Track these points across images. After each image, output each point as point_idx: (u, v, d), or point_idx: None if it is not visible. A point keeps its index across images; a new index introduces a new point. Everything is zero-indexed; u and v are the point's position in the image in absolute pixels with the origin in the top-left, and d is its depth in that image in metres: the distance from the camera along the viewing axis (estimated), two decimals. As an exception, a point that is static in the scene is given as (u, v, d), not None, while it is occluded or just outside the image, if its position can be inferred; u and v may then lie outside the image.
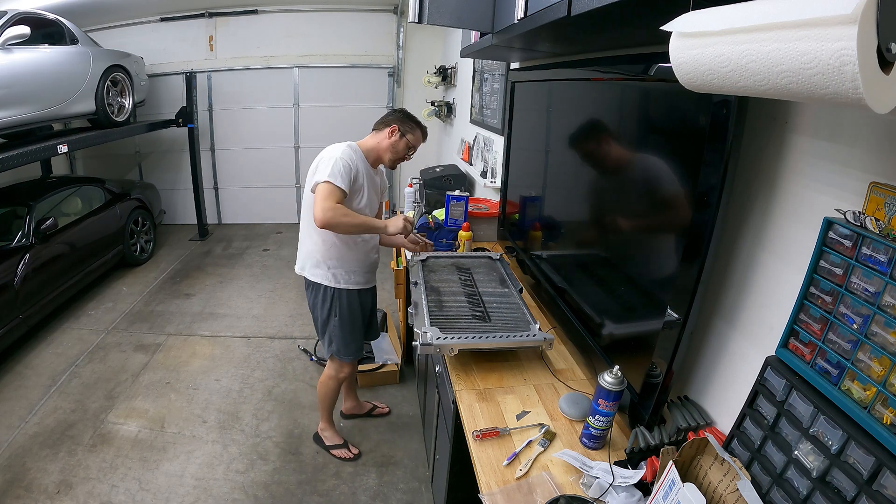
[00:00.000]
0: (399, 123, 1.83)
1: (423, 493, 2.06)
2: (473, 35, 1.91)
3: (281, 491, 2.06)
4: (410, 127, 1.85)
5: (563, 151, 1.65)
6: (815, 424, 0.76)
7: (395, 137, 1.82)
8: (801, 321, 0.80)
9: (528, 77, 1.92)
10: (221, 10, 5.08)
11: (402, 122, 1.84)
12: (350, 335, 1.98)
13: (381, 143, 1.83)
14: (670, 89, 0.95)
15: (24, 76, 3.16)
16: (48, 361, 2.96)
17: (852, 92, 0.42)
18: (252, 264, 4.59)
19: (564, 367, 1.42)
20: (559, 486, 1.00)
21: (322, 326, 1.96)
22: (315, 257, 1.85)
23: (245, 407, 2.58)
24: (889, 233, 0.66)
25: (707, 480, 0.87)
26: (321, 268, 1.85)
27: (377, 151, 1.84)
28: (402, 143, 1.83)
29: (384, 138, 1.83)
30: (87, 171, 5.45)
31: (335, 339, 1.96)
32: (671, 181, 1.02)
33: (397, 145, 1.83)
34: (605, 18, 0.93)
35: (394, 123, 1.83)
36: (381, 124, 1.87)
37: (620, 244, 1.29)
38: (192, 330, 3.37)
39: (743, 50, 0.52)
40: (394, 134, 1.82)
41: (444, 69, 4.41)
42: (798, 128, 0.84)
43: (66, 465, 2.16)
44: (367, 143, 1.84)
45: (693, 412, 1.04)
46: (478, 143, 3.29)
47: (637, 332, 1.18)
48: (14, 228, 3.17)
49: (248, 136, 5.55)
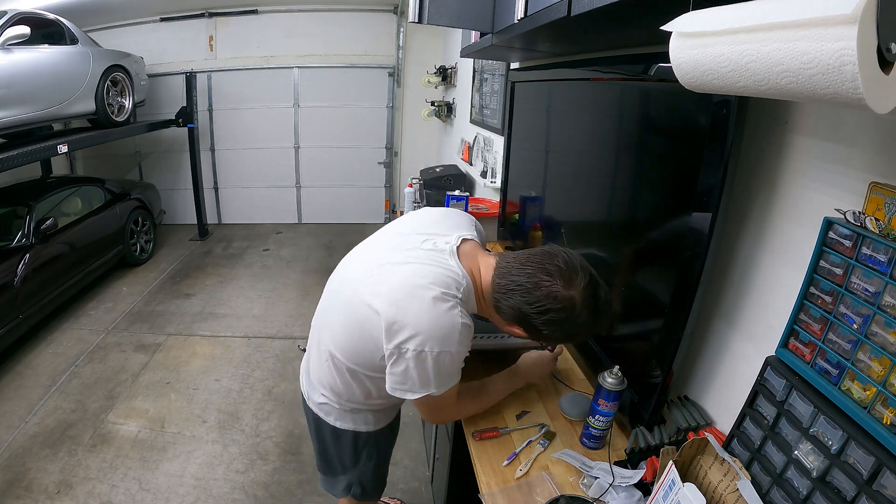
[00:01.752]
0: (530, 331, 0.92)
1: (423, 493, 2.06)
2: (473, 35, 1.91)
3: (281, 491, 2.06)
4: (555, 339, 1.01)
5: (563, 151, 1.65)
6: (815, 424, 0.76)
7: (520, 333, 0.95)
8: (801, 321, 0.80)
9: (528, 77, 1.92)
10: (221, 10, 5.08)
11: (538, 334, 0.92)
12: (383, 469, 1.38)
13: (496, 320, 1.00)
14: (670, 89, 0.95)
15: (24, 76, 3.16)
16: (48, 361, 2.96)
17: (852, 92, 0.42)
18: (252, 264, 4.59)
19: (564, 367, 1.42)
20: (559, 486, 1.00)
21: (342, 470, 1.31)
22: (341, 400, 1.14)
23: (245, 407, 2.58)
24: (889, 233, 0.66)
25: (707, 480, 0.87)
26: (351, 413, 1.18)
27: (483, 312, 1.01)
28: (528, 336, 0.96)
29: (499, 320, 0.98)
30: (87, 171, 5.45)
31: (365, 482, 1.33)
32: (671, 181, 1.02)
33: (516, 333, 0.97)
34: (605, 18, 0.92)
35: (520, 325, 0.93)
36: (499, 310, 0.94)
37: (621, 244, 1.29)
38: (192, 330, 3.37)
39: (743, 50, 0.51)
40: (518, 331, 0.95)
41: (444, 69, 4.41)
42: (798, 128, 0.84)
43: (66, 465, 2.16)
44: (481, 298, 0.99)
45: (693, 412, 1.04)
46: (478, 143, 3.29)
47: (637, 332, 1.18)
48: (14, 228, 3.17)
49: (249, 136, 5.55)
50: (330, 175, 5.74)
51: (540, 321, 0.87)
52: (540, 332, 0.90)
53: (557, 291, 0.86)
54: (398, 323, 0.89)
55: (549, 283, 0.86)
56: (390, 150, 5.75)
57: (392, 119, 5.62)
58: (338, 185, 5.82)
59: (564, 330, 0.89)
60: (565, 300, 0.86)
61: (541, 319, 0.87)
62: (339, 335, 1.05)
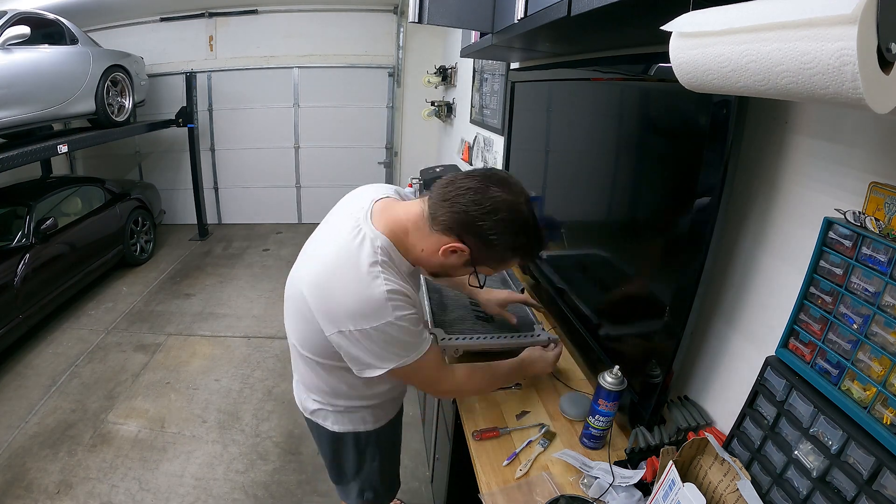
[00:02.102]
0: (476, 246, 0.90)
1: (423, 493, 2.06)
2: (473, 35, 1.91)
3: (281, 491, 2.06)
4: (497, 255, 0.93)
5: (563, 151, 1.65)
6: (815, 424, 0.76)
7: (456, 261, 0.93)
8: (801, 321, 0.80)
9: (528, 77, 1.92)
10: (221, 10, 5.08)
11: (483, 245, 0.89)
12: (391, 468, 1.41)
13: (427, 254, 0.94)
14: (670, 89, 0.95)
15: (24, 76, 3.16)
16: (48, 361, 2.96)
17: (852, 92, 0.42)
18: (252, 264, 4.59)
19: (564, 367, 1.42)
20: (559, 486, 1.00)
21: (352, 476, 1.31)
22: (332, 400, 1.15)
23: (245, 407, 2.58)
24: (889, 233, 0.66)
25: (707, 480, 0.87)
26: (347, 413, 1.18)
27: (416, 259, 0.97)
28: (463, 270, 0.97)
29: (434, 251, 0.92)
30: (87, 171, 5.45)
31: (375, 484, 1.33)
32: (671, 181, 1.02)
33: (454, 269, 0.98)
34: (605, 18, 0.92)
35: (466, 241, 0.89)
36: (444, 221, 0.89)
37: (620, 244, 1.29)
38: (192, 330, 3.37)
39: (743, 50, 0.52)
40: (455, 255, 0.92)
41: (444, 69, 4.41)
42: (798, 128, 0.84)
43: (66, 465, 2.16)
44: (408, 243, 0.95)
45: (693, 412, 1.04)
46: (478, 143, 3.29)
47: (637, 332, 1.18)
48: (14, 228, 3.17)
49: (248, 136, 5.55)
50: (330, 175, 5.74)
51: (490, 222, 0.86)
52: (487, 239, 0.88)
53: (506, 196, 0.87)
54: (329, 310, 0.90)
55: (498, 190, 0.88)
56: (390, 149, 5.75)
57: (392, 119, 5.61)
58: (338, 185, 5.75)
59: (513, 234, 0.88)
60: (513, 204, 0.88)
61: (491, 220, 0.86)
62: (296, 331, 1.06)
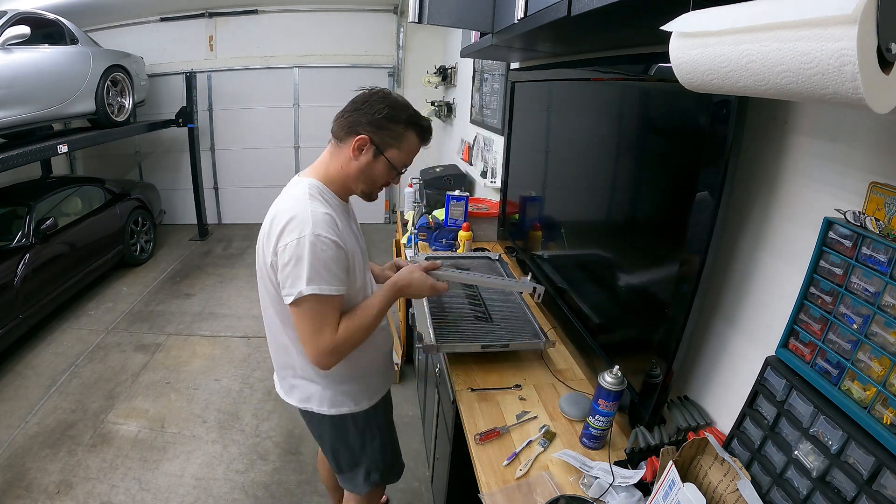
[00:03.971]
0: (371, 130, 1.07)
1: (423, 493, 2.06)
2: (473, 35, 1.91)
3: (281, 491, 2.06)
4: (392, 132, 1.08)
5: (563, 151, 1.65)
6: (815, 424, 0.76)
7: (367, 158, 1.08)
8: (801, 321, 0.80)
9: (528, 77, 1.92)
10: (221, 10, 5.08)
11: (376, 128, 1.07)
12: (392, 446, 1.46)
13: (346, 167, 1.10)
14: (670, 89, 0.95)
15: (24, 76, 3.16)
16: (48, 361, 2.96)
17: (852, 92, 0.42)
18: (252, 264, 4.54)
19: (564, 367, 1.42)
20: (559, 486, 1.00)
21: (358, 457, 1.35)
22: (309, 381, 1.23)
23: (245, 407, 2.58)
24: (889, 233, 0.66)
25: (707, 480, 0.87)
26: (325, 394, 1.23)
27: (343, 181, 1.13)
28: (379, 166, 1.10)
29: (348, 159, 1.09)
30: (87, 171, 5.45)
31: (379, 462, 1.38)
32: (671, 181, 1.02)
33: (371, 169, 1.10)
34: (605, 18, 0.93)
35: (361, 131, 1.07)
36: (343, 130, 1.09)
37: (620, 244, 1.29)
38: (192, 330, 3.37)
39: (743, 50, 0.52)
40: (363, 152, 1.08)
41: (444, 69, 4.41)
42: (798, 128, 0.84)
43: (66, 465, 2.16)
44: (330, 171, 1.12)
45: (693, 412, 1.04)
46: (478, 143, 3.29)
47: (637, 331, 1.18)
48: (14, 228, 3.17)
49: (248, 136, 5.55)
50: (330, 175, 5.74)
51: (373, 107, 1.07)
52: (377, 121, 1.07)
53: (376, 89, 1.12)
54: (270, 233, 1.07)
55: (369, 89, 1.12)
56: (390, 150, 5.74)
57: (392, 119, 5.61)
58: (338, 185, 5.81)
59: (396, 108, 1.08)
60: (384, 90, 1.12)
61: (373, 105, 1.07)
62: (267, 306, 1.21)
